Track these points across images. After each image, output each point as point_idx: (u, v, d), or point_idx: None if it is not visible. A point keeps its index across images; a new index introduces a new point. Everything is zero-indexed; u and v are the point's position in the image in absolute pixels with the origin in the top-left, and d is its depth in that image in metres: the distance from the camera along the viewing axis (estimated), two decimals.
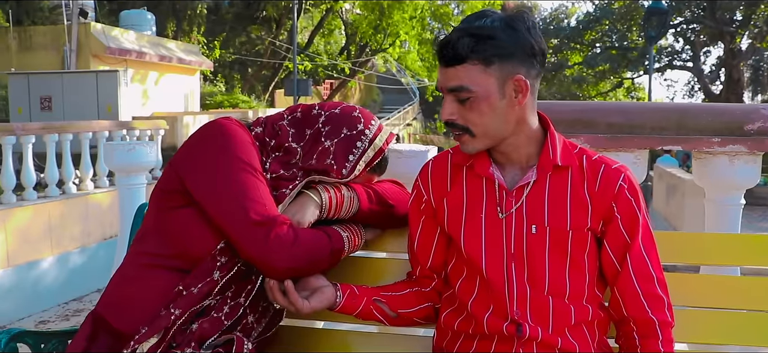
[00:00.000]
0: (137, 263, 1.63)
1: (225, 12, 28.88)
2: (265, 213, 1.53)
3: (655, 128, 2.32)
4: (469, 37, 1.48)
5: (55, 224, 8.25)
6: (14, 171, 7.87)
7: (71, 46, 15.85)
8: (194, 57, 21.03)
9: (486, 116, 1.53)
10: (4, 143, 7.84)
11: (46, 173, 8.44)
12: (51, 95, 13.43)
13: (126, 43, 17.56)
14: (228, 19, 28.73)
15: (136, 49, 17.74)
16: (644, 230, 1.62)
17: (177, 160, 1.64)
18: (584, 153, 1.64)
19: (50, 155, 8.37)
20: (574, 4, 44.02)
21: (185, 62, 20.02)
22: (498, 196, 1.62)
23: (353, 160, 1.71)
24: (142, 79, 18.21)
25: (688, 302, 1.84)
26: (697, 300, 1.84)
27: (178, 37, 24.79)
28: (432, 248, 1.75)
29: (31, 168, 8.08)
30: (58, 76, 13.98)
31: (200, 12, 27.54)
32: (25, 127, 8.39)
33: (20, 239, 7.75)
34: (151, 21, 20.31)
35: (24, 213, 7.91)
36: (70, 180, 8.61)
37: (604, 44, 30.40)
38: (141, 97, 17.69)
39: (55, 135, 8.43)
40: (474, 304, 1.63)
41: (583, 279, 1.61)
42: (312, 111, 1.76)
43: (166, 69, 19.09)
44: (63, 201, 8.43)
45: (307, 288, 1.66)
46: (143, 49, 18.07)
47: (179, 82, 19.67)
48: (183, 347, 1.50)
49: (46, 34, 17.40)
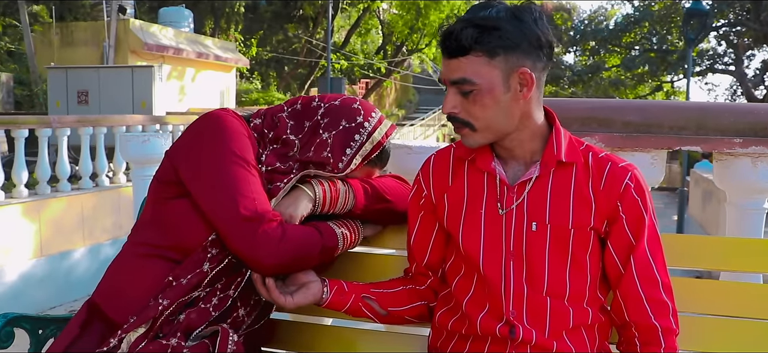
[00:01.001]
0: (133, 253, 1.63)
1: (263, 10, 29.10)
2: (253, 208, 1.51)
3: (673, 127, 2.23)
4: (473, 28, 1.43)
5: (87, 216, 8.39)
6: (49, 163, 8.02)
7: (110, 42, 16.14)
8: (231, 54, 21.24)
9: (489, 110, 1.48)
10: (40, 136, 7.99)
11: (80, 166, 8.59)
12: (88, 90, 13.68)
13: (164, 39, 17.81)
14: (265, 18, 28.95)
15: (174, 45, 17.99)
16: (650, 232, 1.55)
17: (173, 150, 1.64)
18: (591, 150, 1.58)
19: (84, 148, 8.51)
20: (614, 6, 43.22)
21: (222, 59, 20.23)
22: (499, 191, 1.57)
23: (350, 153, 1.68)
24: (179, 75, 18.46)
25: (708, 310, 1.75)
26: (716, 308, 1.75)
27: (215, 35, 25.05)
28: (429, 245, 1.71)
29: (66, 160, 8.23)
30: (95, 71, 14.25)
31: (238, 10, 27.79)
32: (60, 120, 8.55)
33: (54, 229, 7.90)
34: (189, 18, 20.59)
35: (58, 204, 8.06)
36: (103, 173, 8.75)
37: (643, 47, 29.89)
38: (178, 93, 17.93)
39: (90, 128, 8.58)
40: (469, 303, 1.58)
41: (584, 280, 1.54)
42: (312, 103, 1.73)
43: (203, 66, 19.32)
44: (96, 193, 8.58)
45: (295, 282, 1.63)
46: (180, 46, 18.32)
47: (215, 79, 19.88)
48: (169, 337, 1.49)
49: (87, 30, 17.79)
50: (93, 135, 8.66)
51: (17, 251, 7.44)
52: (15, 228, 7.44)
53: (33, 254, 7.62)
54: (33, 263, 7.62)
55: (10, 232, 7.38)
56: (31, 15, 17.75)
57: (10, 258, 7.37)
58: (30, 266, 7.59)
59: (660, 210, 21.56)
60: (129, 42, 16.75)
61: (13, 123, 8.14)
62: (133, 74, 13.80)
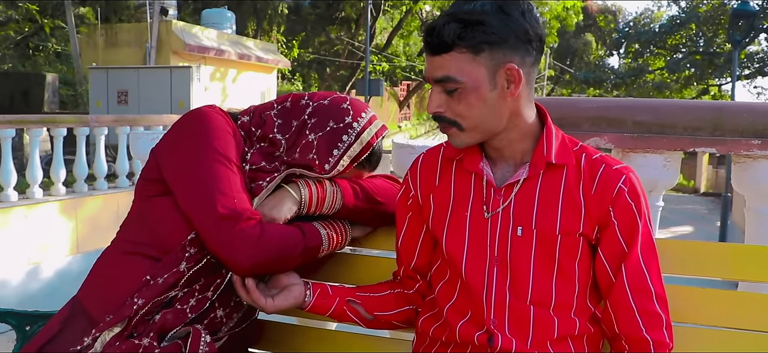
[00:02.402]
0: (116, 250, 1.61)
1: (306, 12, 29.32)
2: (231, 207, 1.47)
3: (687, 127, 2.12)
4: (456, 23, 1.35)
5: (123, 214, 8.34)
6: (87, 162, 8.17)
7: (152, 43, 16.41)
8: (272, 56, 21.43)
9: (475, 109, 1.39)
10: (78, 135, 8.15)
11: (117, 164, 8.73)
12: (127, 90, 13.95)
13: (205, 40, 18.06)
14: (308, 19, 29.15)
15: (216, 46, 18.22)
16: (645, 239, 1.44)
17: (157, 147, 1.61)
18: (585, 151, 1.49)
19: (121, 147, 8.66)
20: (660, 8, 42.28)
21: (263, 60, 20.43)
22: (485, 194, 1.49)
23: (337, 155, 1.62)
24: (221, 76, 18.68)
25: (724, 322, 1.64)
26: (733, 321, 1.63)
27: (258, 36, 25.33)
28: (417, 248, 1.64)
29: (103, 159, 8.39)
30: (135, 72, 14.52)
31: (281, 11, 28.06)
32: (98, 119, 8.71)
33: (90, 227, 8.04)
34: (232, 20, 20.83)
35: (94, 202, 8.21)
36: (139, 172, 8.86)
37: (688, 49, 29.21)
38: (219, 93, 18.15)
39: (127, 128, 8.71)
40: (450, 310, 1.51)
41: (571, 288, 1.45)
42: (300, 101, 1.68)
43: (244, 67, 19.52)
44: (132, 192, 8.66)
45: (277, 285, 1.58)
46: (222, 47, 18.55)
47: (257, 80, 20.08)
48: (141, 337, 1.46)
49: (130, 31, 18.14)
50: (130, 134, 8.79)
51: (54, 248, 7.60)
52: (52, 225, 7.60)
53: (69, 251, 7.77)
54: (69, 260, 7.77)
55: (48, 229, 7.53)
56: (78, 17, 18.20)
57: (47, 255, 7.53)
58: (66, 263, 7.74)
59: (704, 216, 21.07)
60: (171, 43, 17.03)
61: (52, 122, 8.32)
62: (172, 75, 14.02)
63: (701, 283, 1.90)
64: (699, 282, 1.88)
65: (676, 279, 1.73)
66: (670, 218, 19.14)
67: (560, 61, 40.51)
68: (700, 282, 1.89)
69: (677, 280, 1.74)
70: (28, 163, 7.54)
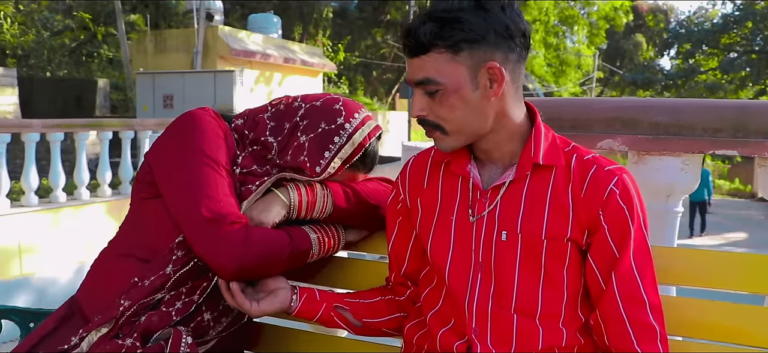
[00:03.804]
0: (112, 252, 1.63)
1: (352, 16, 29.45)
2: (217, 210, 1.46)
3: (707, 128, 2.03)
4: (432, 23, 1.30)
5: None
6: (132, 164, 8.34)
7: (198, 47, 16.70)
8: (317, 59, 21.59)
9: (458, 111, 1.34)
10: (123, 137, 8.32)
11: None
12: (173, 94, 14.22)
13: (251, 45, 18.31)
14: (354, 23, 29.28)
15: (261, 50, 18.46)
16: (638, 245, 1.35)
17: (150, 150, 1.62)
18: (576, 152, 1.42)
19: None
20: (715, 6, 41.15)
21: (308, 64, 20.61)
22: (471, 197, 1.44)
23: (328, 156, 1.59)
24: (266, 80, 18.91)
25: (749, 340, 1.51)
26: (761, 339, 1.49)
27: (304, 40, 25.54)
28: (407, 253, 1.60)
29: None
30: (180, 76, 14.81)
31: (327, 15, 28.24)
32: (142, 122, 8.88)
33: None
34: (278, 24, 21.07)
35: None
36: None
37: (744, 48, 28.32)
38: (264, 97, 18.36)
39: None
40: (433, 317, 1.47)
41: (559, 297, 1.38)
42: (294, 103, 1.67)
43: (290, 70, 19.72)
44: None
45: (264, 289, 1.56)
46: (268, 51, 18.79)
47: (302, 83, 20.25)
48: (125, 338, 1.47)
49: (178, 37, 18.53)
50: None
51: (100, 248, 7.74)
52: (98, 226, 7.76)
53: None
54: None
55: (94, 229, 7.70)
56: (129, 24, 18.64)
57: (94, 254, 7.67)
58: None
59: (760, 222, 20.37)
60: (217, 48, 17.32)
61: (99, 126, 8.51)
62: (216, 79, 14.25)
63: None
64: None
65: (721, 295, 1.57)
66: (725, 224, 18.63)
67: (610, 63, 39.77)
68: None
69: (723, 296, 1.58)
70: (76, 165, 7.74)
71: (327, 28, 28.33)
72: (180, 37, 18.52)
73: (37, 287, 7.11)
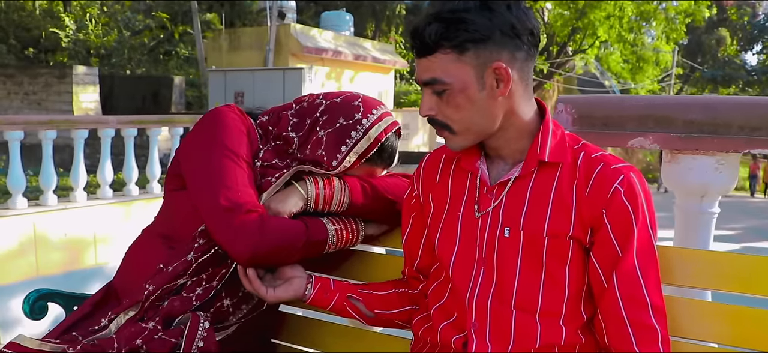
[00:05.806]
0: (144, 239, 1.74)
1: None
2: (234, 199, 1.53)
3: (744, 127, 1.95)
4: (437, 23, 1.32)
5: None
6: None
7: (270, 45, 17.05)
8: (389, 56, 21.69)
9: (465, 111, 1.36)
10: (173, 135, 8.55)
11: None
12: (244, 91, 14.57)
13: (323, 42, 18.55)
14: None
15: (333, 48, 18.68)
16: (642, 244, 1.34)
17: (180, 144, 1.71)
18: (585, 149, 1.41)
19: None
20: None
21: (380, 61, 20.72)
22: (478, 193, 1.46)
23: (345, 151, 1.64)
24: (337, 77, 19.13)
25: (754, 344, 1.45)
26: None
27: (376, 37, 25.69)
28: (419, 248, 1.63)
29: None
30: (250, 73, 15.16)
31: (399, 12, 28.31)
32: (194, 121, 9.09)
33: None
34: (350, 22, 21.28)
35: None
36: None
37: None
38: None
39: None
40: (437, 311, 1.49)
41: (561, 294, 1.38)
42: (316, 100, 1.73)
43: (361, 68, 19.88)
44: None
45: (281, 277, 1.61)
46: (339, 48, 19.00)
47: (373, 80, 20.39)
48: (148, 321, 1.56)
49: (252, 35, 18.96)
50: None
51: None
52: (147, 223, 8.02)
53: None
54: None
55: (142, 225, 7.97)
56: (204, 23, 19.19)
57: None
58: None
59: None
60: (289, 45, 17.63)
61: (170, 122, 8.81)
62: (285, 76, 14.52)
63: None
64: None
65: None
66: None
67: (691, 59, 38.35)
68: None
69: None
70: (148, 160, 8.02)
71: (399, 25, 28.40)
72: (253, 35, 18.94)
73: (110, 276, 7.43)
